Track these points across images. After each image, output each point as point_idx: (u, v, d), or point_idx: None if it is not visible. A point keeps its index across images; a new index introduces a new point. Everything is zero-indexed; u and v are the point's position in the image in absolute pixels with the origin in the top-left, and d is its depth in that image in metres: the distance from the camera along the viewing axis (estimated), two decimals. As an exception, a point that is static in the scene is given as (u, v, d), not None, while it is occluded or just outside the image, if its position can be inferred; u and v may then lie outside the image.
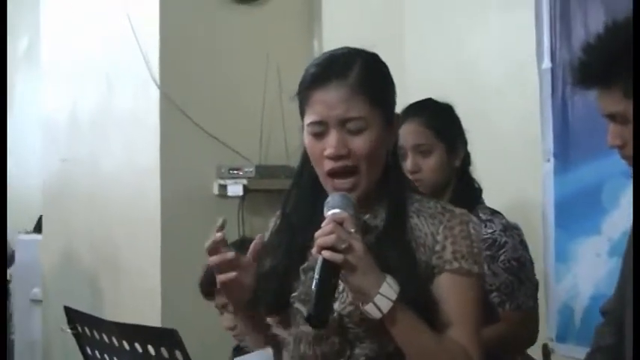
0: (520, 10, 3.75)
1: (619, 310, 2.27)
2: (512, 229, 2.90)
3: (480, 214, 2.87)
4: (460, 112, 2.95)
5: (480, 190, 3.00)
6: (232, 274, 1.98)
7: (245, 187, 4.68)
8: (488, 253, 2.80)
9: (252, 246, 2.05)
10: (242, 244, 3.17)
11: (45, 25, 5.78)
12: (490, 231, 2.86)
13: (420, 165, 2.92)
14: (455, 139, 2.97)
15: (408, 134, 2.90)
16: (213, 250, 1.99)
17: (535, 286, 2.95)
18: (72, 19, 5.47)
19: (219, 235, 1.99)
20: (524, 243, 2.92)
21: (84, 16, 5.36)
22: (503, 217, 2.93)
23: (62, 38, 5.56)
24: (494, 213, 2.94)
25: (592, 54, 2.08)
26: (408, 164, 2.90)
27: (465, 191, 2.95)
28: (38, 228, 6.32)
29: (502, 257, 2.84)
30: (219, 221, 2.00)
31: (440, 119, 2.98)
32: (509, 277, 2.84)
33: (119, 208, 4.97)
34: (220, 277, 1.99)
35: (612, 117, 2.06)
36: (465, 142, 3.00)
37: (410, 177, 2.81)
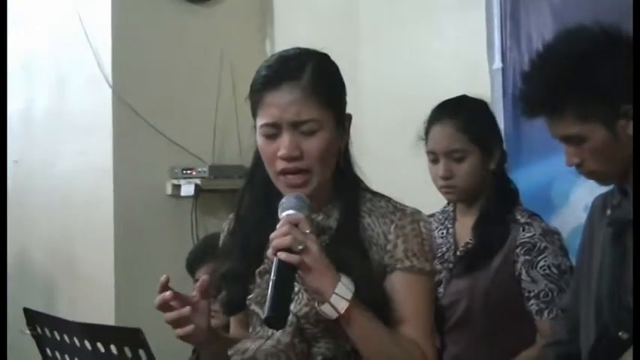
0: (472, 12, 3.79)
1: (574, 307, 2.31)
2: (552, 234, 2.75)
3: (518, 217, 2.77)
4: (413, 113, 2.93)
5: (516, 192, 2.88)
6: (191, 327, 1.98)
7: (198, 187, 4.68)
8: (527, 257, 2.70)
9: (199, 284, 2.03)
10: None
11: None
12: (529, 235, 2.72)
13: (453, 171, 2.78)
14: (490, 142, 2.82)
15: (440, 138, 2.80)
16: (165, 307, 1.99)
17: None
18: (21, 17, 5.42)
19: (168, 294, 1.98)
20: (564, 248, 2.74)
21: (34, 15, 5.32)
22: (542, 221, 2.79)
23: (11, 37, 5.50)
24: (533, 216, 2.79)
25: (532, 83, 2.10)
26: (440, 170, 2.79)
27: (500, 195, 2.82)
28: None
29: (541, 263, 2.69)
30: (163, 278, 1.99)
31: (475, 122, 2.82)
32: (548, 285, 2.67)
33: (73, 209, 4.94)
34: (178, 332, 1.99)
35: (567, 139, 2.08)
36: (500, 143, 2.88)
37: (442, 183, 2.79)
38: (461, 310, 2.75)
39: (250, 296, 2.05)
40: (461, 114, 2.82)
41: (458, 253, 2.84)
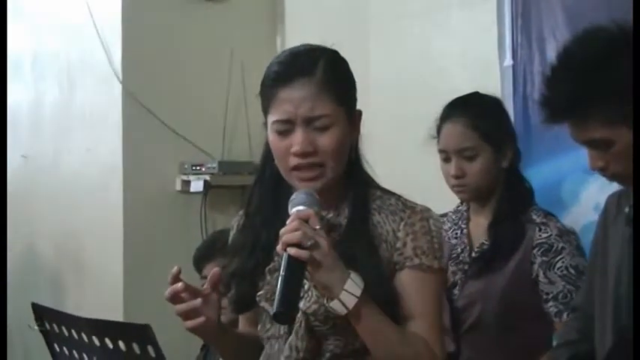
0: (483, 8, 3.77)
1: (587, 306, 2.29)
2: (568, 234, 2.71)
3: (533, 217, 2.73)
4: (422, 109, 2.92)
5: (531, 191, 2.83)
6: (201, 319, 1.99)
7: (207, 183, 4.67)
8: (544, 259, 2.66)
9: (210, 276, 2.05)
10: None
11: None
12: (545, 235, 2.68)
13: (465, 170, 2.74)
14: (503, 140, 2.78)
15: (451, 137, 2.77)
16: (175, 298, 2.00)
17: None
18: (31, 12, 5.43)
19: (180, 285, 1.99)
20: (580, 248, 2.69)
21: (43, 9, 5.32)
22: (558, 220, 2.76)
23: (21, 32, 5.51)
24: (548, 215, 2.75)
25: (554, 89, 2.05)
26: (451, 169, 2.75)
27: (513, 194, 2.78)
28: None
29: (559, 264, 2.64)
30: (174, 270, 2.00)
31: (487, 119, 2.77)
32: (567, 286, 2.63)
33: (82, 205, 4.94)
34: (188, 324, 2.00)
35: (591, 143, 2.04)
36: (513, 141, 2.82)
37: (454, 182, 2.76)
38: (476, 312, 2.72)
39: (260, 293, 2.05)
40: (472, 111, 2.78)
41: (473, 254, 2.79)
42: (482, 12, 3.78)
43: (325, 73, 1.97)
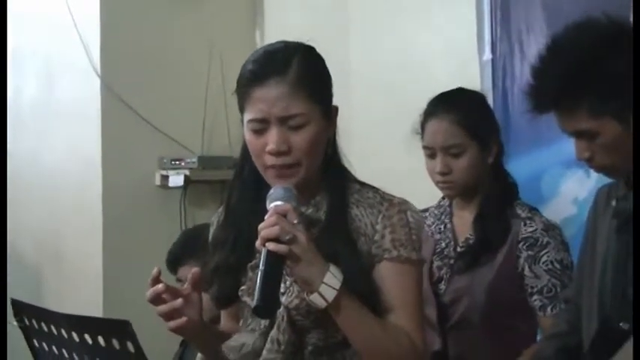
0: (462, 3, 3.78)
1: (577, 297, 2.30)
2: (553, 229, 2.70)
3: (519, 211, 2.73)
4: (403, 103, 2.91)
5: (515, 186, 2.83)
6: (183, 320, 1.99)
7: (187, 178, 4.67)
8: (529, 253, 2.66)
9: (190, 276, 2.04)
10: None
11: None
12: (531, 230, 2.68)
13: (451, 166, 2.71)
14: (488, 136, 2.76)
15: (437, 133, 2.73)
16: (156, 299, 1.99)
17: None
18: (9, 6, 5.40)
19: (160, 286, 1.99)
20: (565, 243, 2.70)
21: (22, 4, 5.29)
22: (542, 215, 2.75)
23: None
24: (533, 210, 2.75)
25: (543, 79, 2.05)
26: (437, 165, 2.72)
27: (498, 189, 2.77)
28: None
29: (544, 258, 2.65)
30: (154, 271, 2.00)
31: (473, 116, 2.75)
32: (551, 280, 2.63)
33: (61, 200, 4.93)
34: (170, 325, 2.00)
35: (578, 134, 2.05)
36: (498, 135, 2.80)
37: (440, 178, 2.73)
38: (463, 307, 2.71)
39: (242, 288, 2.06)
40: (458, 108, 2.75)
41: (458, 248, 2.79)
42: (462, 6, 3.78)
43: (299, 72, 1.97)
